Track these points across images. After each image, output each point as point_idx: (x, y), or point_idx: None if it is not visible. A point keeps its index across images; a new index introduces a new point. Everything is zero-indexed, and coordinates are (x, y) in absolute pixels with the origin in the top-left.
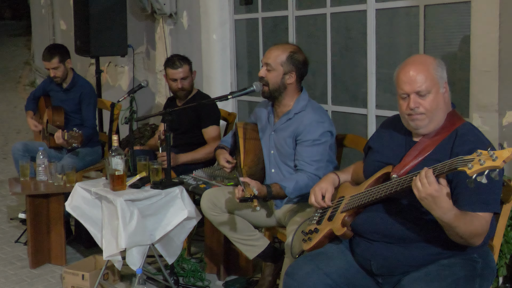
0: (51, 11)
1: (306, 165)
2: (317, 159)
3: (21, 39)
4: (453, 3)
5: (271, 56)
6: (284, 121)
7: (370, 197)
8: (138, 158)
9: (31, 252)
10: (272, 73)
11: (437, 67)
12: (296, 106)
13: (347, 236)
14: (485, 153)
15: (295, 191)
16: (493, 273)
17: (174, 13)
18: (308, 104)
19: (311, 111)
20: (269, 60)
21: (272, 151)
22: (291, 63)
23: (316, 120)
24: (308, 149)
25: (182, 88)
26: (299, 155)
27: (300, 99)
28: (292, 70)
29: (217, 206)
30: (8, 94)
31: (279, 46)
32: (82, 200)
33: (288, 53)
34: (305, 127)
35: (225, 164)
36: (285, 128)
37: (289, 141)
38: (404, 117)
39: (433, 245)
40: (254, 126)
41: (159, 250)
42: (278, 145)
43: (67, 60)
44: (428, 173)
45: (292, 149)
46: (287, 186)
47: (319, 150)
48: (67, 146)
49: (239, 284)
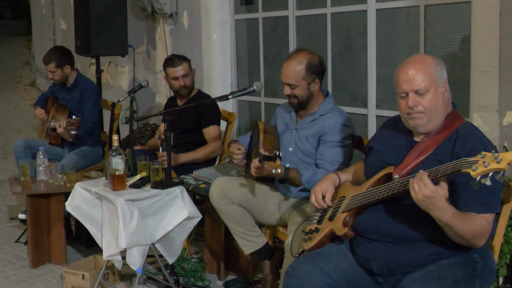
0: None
1: (328, 164)
2: (339, 161)
3: (22, 39)
4: (453, 3)
5: (290, 75)
6: (308, 121)
7: (371, 198)
8: (139, 158)
9: (31, 252)
10: (297, 89)
11: (436, 66)
12: (322, 108)
13: (348, 236)
14: (489, 155)
15: (311, 181)
16: (493, 273)
17: (174, 13)
18: (334, 107)
19: (337, 113)
20: (289, 80)
21: (290, 148)
22: (311, 72)
23: (342, 123)
24: (331, 149)
25: (184, 85)
26: (321, 154)
27: (326, 102)
28: (315, 78)
29: (226, 196)
30: (8, 94)
31: (293, 60)
32: (82, 200)
33: (305, 65)
34: (330, 128)
35: (234, 150)
36: (308, 128)
37: (311, 140)
38: (403, 116)
39: (433, 245)
40: (273, 127)
41: (160, 250)
42: (299, 142)
43: (66, 66)
44: (423, 175)
45: (314, 148)
46: (304, 174)
47: (341, 151)
48: (67, 135)
49: (239, 284)
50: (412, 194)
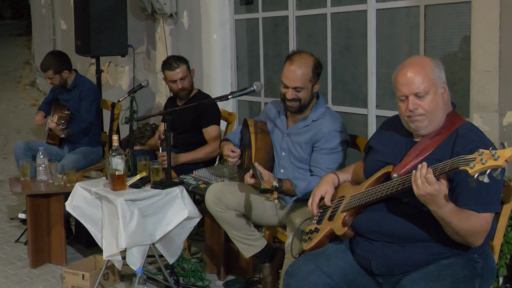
0: (51, 11)
1: (322, 172)
2: (333, 167)
3: (22, 39)
4: (453, 3)
5: (299, 78)
6: (300, 127)
7: (370, 197)
8: (138, 158)
9: (31, 252)
10: (303, 91)
11: (434, 67)
12: (313, 113)
13: (348, 235)
14: (487, 152)
15: (305, 191)
16: (493, 273)
17: (174, 13)
18: (327, 111)
19: (330, 119)
20: (297, 83)
21: (283, 153)
22: (316, 74)
23: (335, 129)
24: (325, 157)
25: (182, 88)
26: (315, 162)
27: (317, 106)
28: (318, 79)
29: (222, 202)
30: (8, 94)
31: (299, 63)
32: (82, 200)
33: (311, 67)
34: (324, 136)
35: (229, 153)
36: (301, 134)
37: (305, 147)
38: (404, 119)
39: (433, 245)
40: (263, 124)
41: (160, 250)
42: (292, 148)
43: (64, 71)
44: (429, 173)
45: (307, 155)
46: (298, 185)
47: (335, 158)
48: (59, 131)
49: (239, 284)
50: (414, 189)
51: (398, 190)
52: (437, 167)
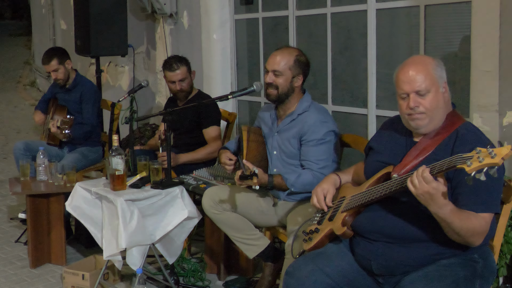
0: (51, 11)
1: (312, 164)
2: (323, 158)
3: (21, 39)
4: (453, 3)
5: (278, 62)
6: (287, 122)
7: (370, 196)
8: (138, 158)
9: (31, 252)
10: (281, 78)
11: (436, 67)
12: (299, 107)
13: (347, 235)
14: (484, 150)
15: (296, 184)
16: (493, 273)
17: (174, 13)
18: (311, 105)
19: (314, 111)
20: (276, 67)
21: (275, 152)
22: (299, 66)
23: (320, 120)
24: (313, 148)
25: (181, 89)
26: (304, 155)
27: (303, 100)
28: (300, 73)
29: (218, 205)
30: (8, 94)
31: (283, 50)
32: (82, 200)
33: (294, 57)
34: (310, 127)
35: (226, 161)
36: (288, 129)
37: (293, 141)
38: (404, 117)
39: (433, 245)
40: (258, 129)
41: (160, 250)
42: (282, 145)
43: (66, 61)
44: (425, 171)
45: (297, 150)
46: (288, 178)
47: (324, 149)
48: (61, 135)
49: (239, 284)
50: (411, 189)
51: (397, 190)
52: (435, 165)
